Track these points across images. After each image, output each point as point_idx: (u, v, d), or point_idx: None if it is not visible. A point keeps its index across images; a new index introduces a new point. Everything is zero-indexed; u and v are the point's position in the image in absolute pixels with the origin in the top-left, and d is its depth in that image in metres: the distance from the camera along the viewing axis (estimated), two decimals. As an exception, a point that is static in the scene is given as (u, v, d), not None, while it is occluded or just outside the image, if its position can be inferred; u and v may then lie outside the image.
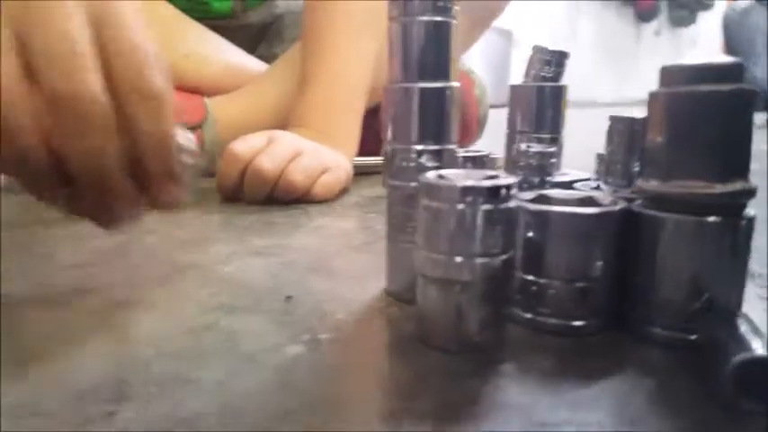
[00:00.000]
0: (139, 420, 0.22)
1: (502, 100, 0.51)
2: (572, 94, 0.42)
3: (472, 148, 0.71)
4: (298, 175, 0.64)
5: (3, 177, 0.89)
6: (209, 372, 0.26)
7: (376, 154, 0.82)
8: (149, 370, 0.26)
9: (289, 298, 0.35)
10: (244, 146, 0.64)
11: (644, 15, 5.40)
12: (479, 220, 0.26)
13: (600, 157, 0.37)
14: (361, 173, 0.81)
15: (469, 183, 0.26)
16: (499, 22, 1.05)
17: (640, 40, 5.45)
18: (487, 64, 3.02)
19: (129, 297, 0.36)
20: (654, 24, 5.48)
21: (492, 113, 1.09)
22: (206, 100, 0.84)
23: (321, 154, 0.68)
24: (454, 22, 0.32)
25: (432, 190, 0.27)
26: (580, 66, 4.19)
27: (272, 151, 0.64)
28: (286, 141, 0.66)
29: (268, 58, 0.96)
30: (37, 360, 0.27)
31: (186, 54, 0.85)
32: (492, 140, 0.41)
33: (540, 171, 0.35)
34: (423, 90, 0.31)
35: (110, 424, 0.22)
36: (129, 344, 0.29)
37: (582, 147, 0.51)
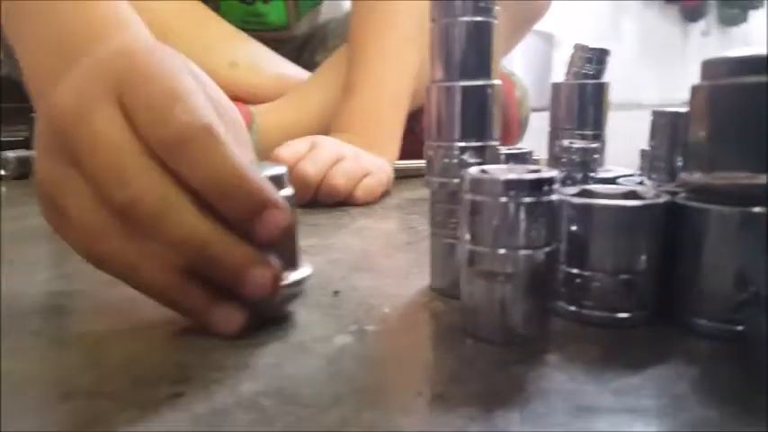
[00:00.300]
0: (203, 401, 0.23)
1: (543, 103, 0.51)
2: (616, 96, 0.42)
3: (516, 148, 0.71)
4: (340, 179, 0.65)
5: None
6: (263, 358, 0.27)
7: (416, 157, 0.83)
8: (209, 357, 0.28)
9: (336, 293, 0.36)
10: (288, 151, 0.66)
11: (691, 15, 5.28)
12: (522, 213, 0.27)
13: (643, 152, 0.37)
14: (401, 176, 0.82)
15: (512, 176, 0.27)
16: (540, 25, 1.05)
17: (687, 40, 5.34)
18: (529, 67, 3.00)
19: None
20: (701, 24, 5.36)
21: (533, 117, 1.09)
22: (251, 108, 0.87)
23: (362, 158, 0.69)
24: (495, 22, 0.32)
25: (475, 184, 0.28)
26: (624, 67, 4.13)
27: (315, 156, 0.66)
28: (328, 146, 0.68)
29: (310, 66, 0.97)
30: (105, 348, 0.29)
31: (232, 63, 0.88)
32: (534, 144, 0.41)
33: (582, 167, 0.36)
34: (464, 88, 0.32)
35: (175, 404, 0.23)
36: (188, 334, 0.30)
37: (626, 149, 0.51)
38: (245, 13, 0.95)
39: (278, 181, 0.30)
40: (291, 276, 0.31)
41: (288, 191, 0.31)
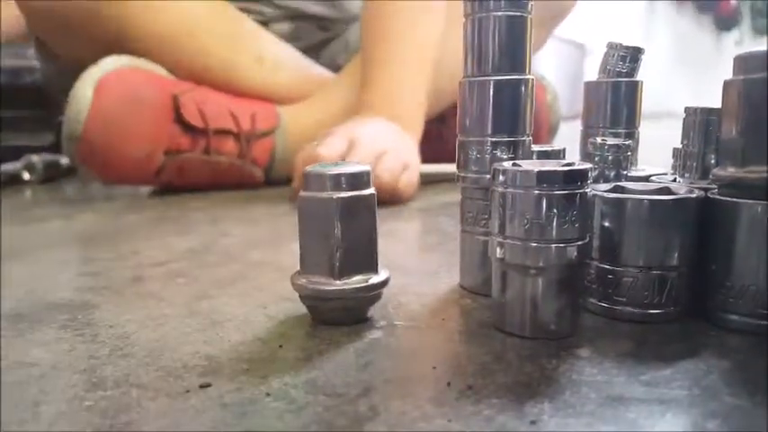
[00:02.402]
0: (232, 391, 0.24)
1: (575, 112, 0.51)
2: (648, 106, 0.41)
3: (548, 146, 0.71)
4: (385, 176, 0.66)
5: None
6: (293, 352, 0.27)
7: (444, 161, 0.82)
8: (237, 350, 0.28)
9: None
10: (328, 150, 0.66)
11: (724, 24, 5.20)
12: (554, 206, 0.26)
13: (676, 151, 0.36)
14: (430, 180, 0.82)
15: (545, 168, 0.27)
16: (572, 35, 1.05)
17: (721, 49, 5.25)
18: (562, 77, 2.98)
19: (213, 289, 0.38)
20: (734, 33, 5.27)
21: (563, 126, 1.08)
22: (279, 108, 0.87)
23: (400, 152, 0.70)
24: (529, 16, 0.32)
25: (507, 176, 0.27)
26: (656, 76, 4.07)
27: (358, 155, 0.66)
28: (367, 142, 0.68)
29: (333, 69, 0.98)
30: (132, 341, 0.29)
31: (258, 58, 0.88)
32: (568, 149, 0.41)
33: (615, 165, 0.35)
34: (497, 82, 0.32)
35: (206, 394, 0.23)
36: (215, 328, 0.31)
37: (659, 156, 0.51)
38: None
39: (362, 179, 0.30)
40: (373, 279, 0.30)
41: (371, 189, 0.31)
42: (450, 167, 0.35)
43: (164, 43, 0.82)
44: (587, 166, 0.27)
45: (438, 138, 0.90)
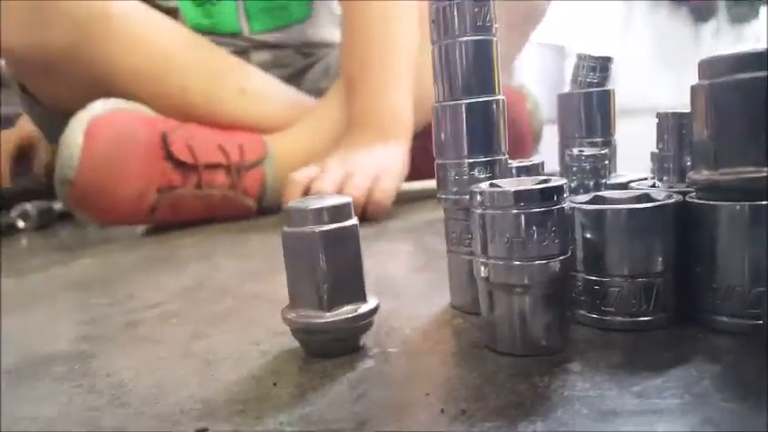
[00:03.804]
0: (227, 433, 0.24)
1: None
2: (631, 102, 0.42)
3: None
4: (353, 193, 0.70)
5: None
6: (286, 388, 0.27)
7: (430, 177, 0.83)
8: (231, 390, 0.28)
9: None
10: (301, 174, 0.74)
11: (700, 15, 5.24)
12: (533, 224, 0.27)
13: (653, 155, 0.37)
14: (415, 198, 0.82)
15: (521, 187, 0.27)
16: (551, 38, 1.06)
17: (699, 41, 5.30)
18: (542, 80, 3.00)
19: (207, 327, 0.38)
20: (712, 24, 5.31)
21: (549, 129, 1.09)
22: (265, 138, 0.88)
23: (370, 165, 0.74)
24: (495, 39, 0.33)
25: (485, 197, 0.28)
26: (637, 73, 4.10)
27: (326, 176, 0.73)
28: (336, 166, 0.74)
29: (315, 94, 0.99)
30: (129, 388, 0.29)
31: (241, 89, 0.90)
32: (550, 155, 0.42)
33: (594, 174, 0.36)
34: (469, 105, 0.32)
35: (201, 438, 0.24)
36: (210, 369, 0.31)
37: (643, 154, 0.51)
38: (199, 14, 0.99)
39: (343, 211, 0.31)
40: (362, 308, 0.31)
41: (353, 221, 0.31)
42: (434, 183, 0.35)
43: (146, 83, 0.82)
44: (562, 181, 0.28)
45: (423, 151, 0.91)
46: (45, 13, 0.77)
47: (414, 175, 0.82)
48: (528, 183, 0.29)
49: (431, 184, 0.82)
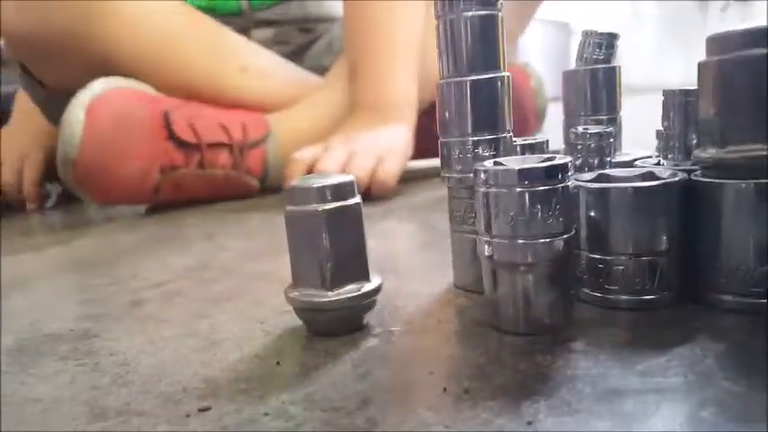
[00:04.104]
0: (231, 413, 0.24)
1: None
2: (640, 79, 0.42)
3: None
4: (358, 172, 0.70)
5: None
6: (290, 368, 0.27)
7: (435, 155, 0.83)
8: (235, 369, 0.28)
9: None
10: (304, 153, 0.74)
11: (708, -9, 5.16)
12: (538, 202, 0.27)
13: (658, 133, 0.37)
14: (421, 176, 0.82)
15: (526, 166, 0.27)
16: (556, 15, 1.05)
17: (707, 18, 5.23)
18: (546, 57, 2.97)
19: (211, 307, 0.38)
20: (720, 1, 5.24)
21: (553, 107, 1.08)
22: (267, 116, 0.88)
23: (374, 147, 0.74)
24: (500, 14, 0.32)
25: (489, 175, 0.28)
26: (646, 50, 4.06)
27: (331, 155, 0.72)
28: (340, 145, 0.74)
29: (318, 71, 0.98)
30: (132, 367, 0.29)
31: (243, 67, 0.89)
32: (555, 133, 0.41)
33: (599, 152, 0.35)
34: (474, 82, 0.32)
35: (204, 418, 0.24)
36: (213, 348, 0.31)
37: (649, 131, 0.51)
38: None
39: (346, 189, 0.30)
40: (365, 287, 0.31)
41: (357, 199, 0.31)
42: (438, 162, 0.35)
43: (147, 61, 0.82)
44: (567, 159, 0.28)
45: (427, 131, 0.91)
46: None
47: (419, 153, 0.81)
48: (532, 161, 0.28)
49: (436, 162, 0.82)
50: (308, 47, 1.06)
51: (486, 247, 0.28)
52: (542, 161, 0.28)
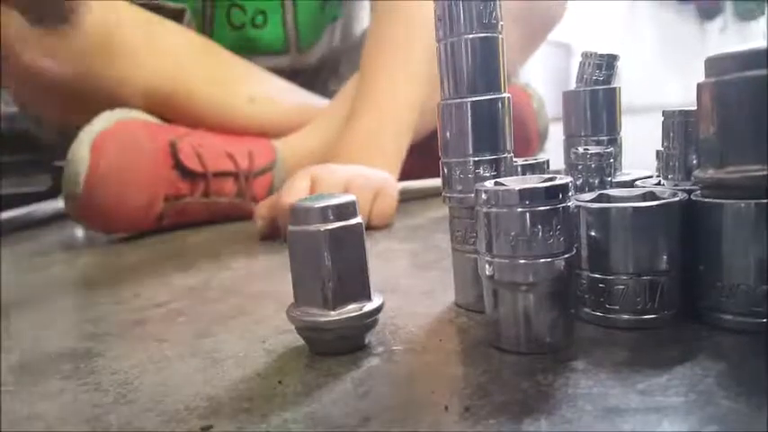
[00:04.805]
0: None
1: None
2: (639, 100, 0.42)
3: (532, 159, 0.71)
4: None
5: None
6: (292, 386, 0.28)
7: (436, 176, 0.83)
8: (237, 388, 0.28)
9: None
10: (290, 195, 0.64)
11: (707, 13, 5.20)
12: (539, 222, 0.27)
13: (659, 153, 0.37)
14: (423, 196, 0.82)
15: (526, 186, 0.27)
16: (557, 36, 1.05)
17: (706, 39, 5.27)
18: (548, 79, 2.99)
19: (214, 326, 0.38)
20: (719, 21, 5.28)
21: (555, 127, 1.09)
22: (274, 142, 0.88)
23: (370, 178, 0.69)
24: (500, 36, 0.33)
25: (489, 195, 0.28)
26: (645, 71, 4.09)
27: (321, 189, 0.65)
28: (328, 181, 0.67)
29: (325, 95, 0.98)
30: (134, 386, 0.30)
31: (251, 98, 0.89)
32: (557, 154, 0.42)
33: (599, 172, 0.36)
34: (474, 103, 0.32)
35: (206, 436, 0.24)
36: (216, 367, 0.31)
37: (649, 151, 0.51)
38: (236, 38, 0.97)
39: (348, 210, 0.31)
40: (367, 306, 0.31)
41: (358, 219, 0.31)
42: (440, 181, 0.35)
43: (156, 98, 0.82)
44: (568, 179, 0.28)
45: (430, 151, 0.91)
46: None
47: (417, 171, 0.81)
48: (533, 181, 0.29)
49: (436, 182, 0.82)
50: (317, 72, 1.07)
51: (488, 266, 0.28)
52: (543, 181, 0.28)
